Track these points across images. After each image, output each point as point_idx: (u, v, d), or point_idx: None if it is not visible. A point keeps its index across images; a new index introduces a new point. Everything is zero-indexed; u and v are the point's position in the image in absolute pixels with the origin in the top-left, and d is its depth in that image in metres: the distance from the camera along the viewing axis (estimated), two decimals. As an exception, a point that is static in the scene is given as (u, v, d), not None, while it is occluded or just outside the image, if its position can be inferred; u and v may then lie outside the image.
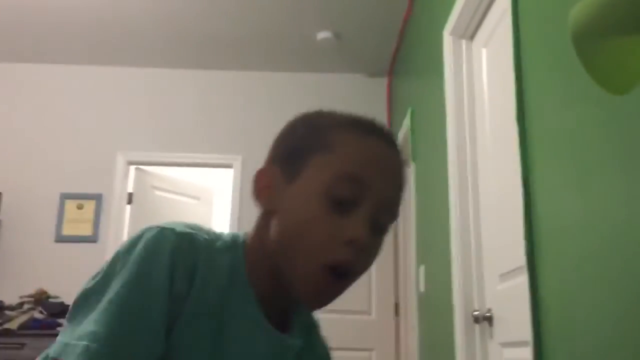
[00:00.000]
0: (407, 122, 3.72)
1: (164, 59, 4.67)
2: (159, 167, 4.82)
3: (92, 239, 4.38)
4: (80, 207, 4.43)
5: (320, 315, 0.96)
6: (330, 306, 0.83)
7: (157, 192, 4.76)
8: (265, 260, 0.81)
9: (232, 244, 0.83)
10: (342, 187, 0.76)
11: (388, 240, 3.97)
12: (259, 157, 3.79)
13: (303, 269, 0.77)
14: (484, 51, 2.50)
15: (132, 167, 4.61)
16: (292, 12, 3.97)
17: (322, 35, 4.18)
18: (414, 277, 3.47)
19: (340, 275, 0.77)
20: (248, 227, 0.83)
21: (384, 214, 0.79)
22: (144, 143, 4.59)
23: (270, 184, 0.82)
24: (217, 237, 0.84)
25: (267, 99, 4.75)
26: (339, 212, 0.76)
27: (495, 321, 2.19)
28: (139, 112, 4.68)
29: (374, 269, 4.09)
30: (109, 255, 3.94)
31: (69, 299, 1.56)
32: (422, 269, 3.25)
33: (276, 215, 0.80)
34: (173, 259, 0.74)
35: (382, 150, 0.80)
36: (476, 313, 2.27)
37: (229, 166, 4.63)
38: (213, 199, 5.26)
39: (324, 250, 0.75)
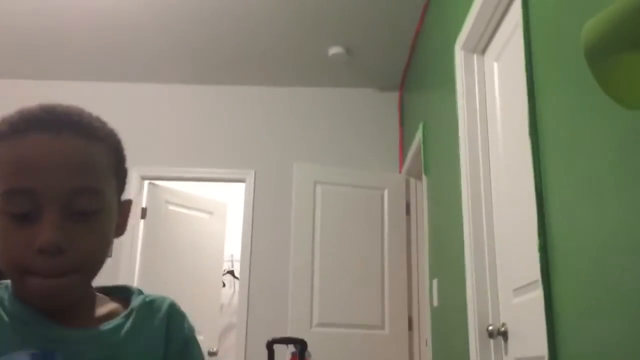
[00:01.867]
0: (419, 136, 3.72)
1: (177, 76, 4.71)
2: (172, 182, 4.84)
3: (106, 254, 4.40)
4: (94, 222, 4.44)
5: (334, 330, 0.95)
6: (343, 321, 0.82)
7: (171, 207, 4.78)
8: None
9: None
10: (13, 204, 0.74)
11: (401, 254, 3.94)
12: (272, 172, 3.85)
13: (17, 286, 0.78)
14: (495, 65, 2.50)
15: (146, 182, 4.64)
16: (304, 28, 4.00)
17: (334, 50, 4.20)
18: (428, 292, 3.45)
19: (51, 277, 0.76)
20: (260, 240, 0.82)
21: (76, 200, 0.76)
22: (158, 158, 4.62)
23: None
24: None
25: (279, 114, 4.77)
26: (27, 223, 0.75)
27: (510, 336, 2.17)
28: (152, 128, 4.71)
29: (387, 283, 4.09)
30: (123, 270, 3.94)
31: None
32: (435, 283, 3.24)
33: None
34: None
35: (36, 146, 0.76)
36: (491, 328, 2.25)
37: (242, 180, 4.65)
38: (226, 213, 5.28)
39: (22, 264, 0.75)
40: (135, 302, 0.89)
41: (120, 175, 0.88)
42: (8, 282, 0.83)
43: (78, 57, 4.47)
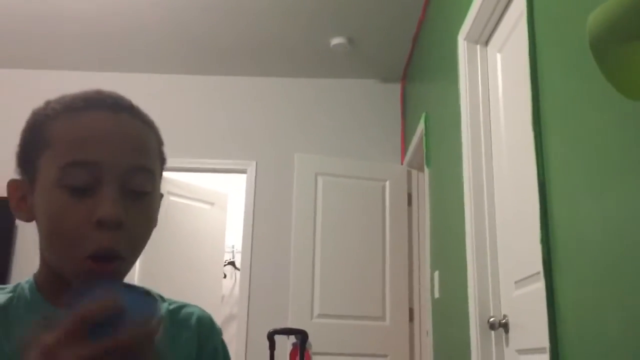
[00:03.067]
0: (421, 127, 3.71)
1: (178, 66, 4.70)
2: (173, 172, 4.84)
3: (107, 244, 4.40)
4: (95, 213, 4.45)
5: (335, 321, 0.95)
6: (344, 312, 0.81)
7: (172, 198, 4.78)
8: (50, 274, 0.80)
9: (15, 285, 0.83)
10: (74, 176, 0.74)
11: (402, 245, 3.94)
12: (273, 163, 3.84)
13: (71, 268, 0.75)
14: (498, 56, 2.49)
15: (147, 173, 4.63)
16: (306, 19, 3.98)
17: (336, 41, 4.19)
18: (429, 283, 3.46)
19: (107, 260, 0.74)
20: (261, 231, 0.82)
21: (133, 179, 0.77)
22: (159, 149, 4.61)
23: (23, 195, 0.80)
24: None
25: (281, 105, 4.76)
26: (85, 197, 0.74)
27: (511, 328, 2.17)
28: (153, 118, 4.69)
29: (388, 274, 4.10)
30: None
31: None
32: (436, 274, 3.24)
33: (37, 225, 0.78)
34: None
35: (99, 122, 0.77)
36: (492, 319, 2.25)
37: (243, 172, 4.65)
38: (227, 204, 5.28)
39: (78, 241, 0.73)
40: (162, 308, 0.88)
41: (163, 162, 0.90)
42: (23, 282, 0.82)
43: (76, 47, 4.45)
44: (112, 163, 0.75)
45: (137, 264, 4.38)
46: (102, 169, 0.75)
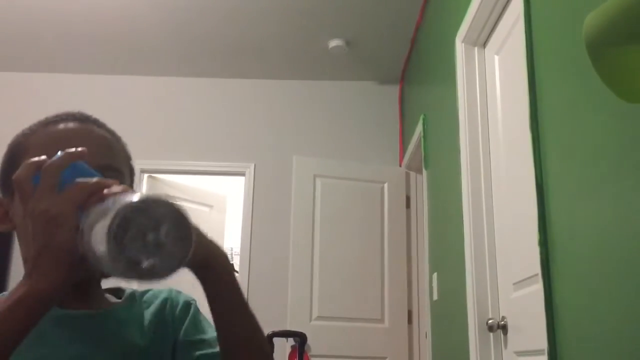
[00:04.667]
0: (419, 129, 3.71)
1: (177, 68, 4.70)
2: (172, 175, 4.84)
3: (105, 247, 4.40)
4: (94, 215, 4.44)
5: (334, 324, 0.97)
6: (343, 314, 0.82)
7: (170, 200, 4.77)
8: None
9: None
10: None
11: (400, 247, 3.93)
12: (271, 165, 3.83)
13: None
14: (496, 58, 2.49)
15: (145, 176, 4.64)
16: (304, 21, 3.99)
17: (334, 43, 4.19)
18: (427, 285, 3.46)
19: None
20: (260, 233, 0.84)
21: (102, 161, 0.83)
22: (157, 151, 4.62)
23: (5, 211, 0.85)
24: None
25: (279, 107, 4.76)
26: None
27: (510, 330, 2.17)
28: (152, 121, 4.70)
29: (386, 276, 4.09)
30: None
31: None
32: (435, 276, 3.24)
33: (18, 233, 0.84)
34: None
35: (69, 128, 0.86)
36: (490, 321, 2.25)
37: (241, 174, 4.64)
38: (226, 206, 5.27)
39: None
40: (133, 291, 0.95)
41: (132, 173, 0.98)
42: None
43: (77, 50, 4.45)
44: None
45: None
46: None
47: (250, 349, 0.84)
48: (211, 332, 0.91)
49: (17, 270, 4.32)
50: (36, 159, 0.69)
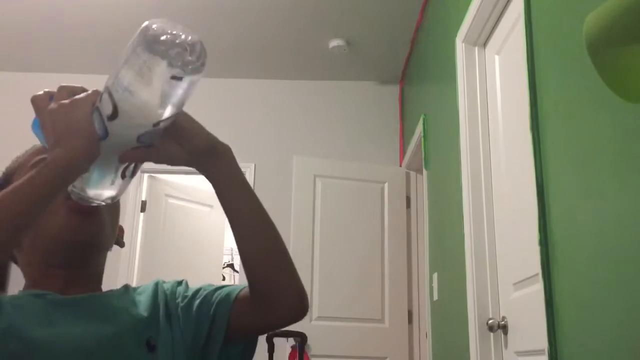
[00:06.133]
0: (419, 129, 3.71)
1: (177, 68, 4.69)
2: (172, 175, 4.84)
3: (105, 247, 4.40)
4: (94, 215, 4.45)
5: (334, 324, 0.99)
6: (343, 314, 0.83)
7: (171, 200, 4.77)
8: (37, 279, 0.96)
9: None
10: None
11: (401, 247, 3.92)
12: (272, 165, 3.83)
13: (53, 228, 0.92)
14: (496, 58, 2.49)
15: (145, 175, 4.63)
16: (305, 21, 3.98)
17: (334, 43, 4.19)
18: (428, 285, 3.46)
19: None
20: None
21: None
22: (157, 151, 4.61)
23: None
24: None
25: (279, 107, 4.76)
26: None
27: (510, 330, 2.17)
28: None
29: (387, 276, 4.09)
30: (123, 263, 3.96)
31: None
32: (435, 276, 3.24)
33: None
34: None
35: None
36: (491, 321, 2.25)
37: (241, 174, 4.63)
38: (226, 206, 5.26)
39: (51, 215, 0.90)
40: (126, 284, 1.04)
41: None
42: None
43: (76, 50, 4.46)
44: None
45: (136, 265, 4.39)
46: None
47: (267, 230, 0.95)
48: (207, 286, 0.99)
49: (17, 270, 4.32)
50: (48, 89, 0.80)
